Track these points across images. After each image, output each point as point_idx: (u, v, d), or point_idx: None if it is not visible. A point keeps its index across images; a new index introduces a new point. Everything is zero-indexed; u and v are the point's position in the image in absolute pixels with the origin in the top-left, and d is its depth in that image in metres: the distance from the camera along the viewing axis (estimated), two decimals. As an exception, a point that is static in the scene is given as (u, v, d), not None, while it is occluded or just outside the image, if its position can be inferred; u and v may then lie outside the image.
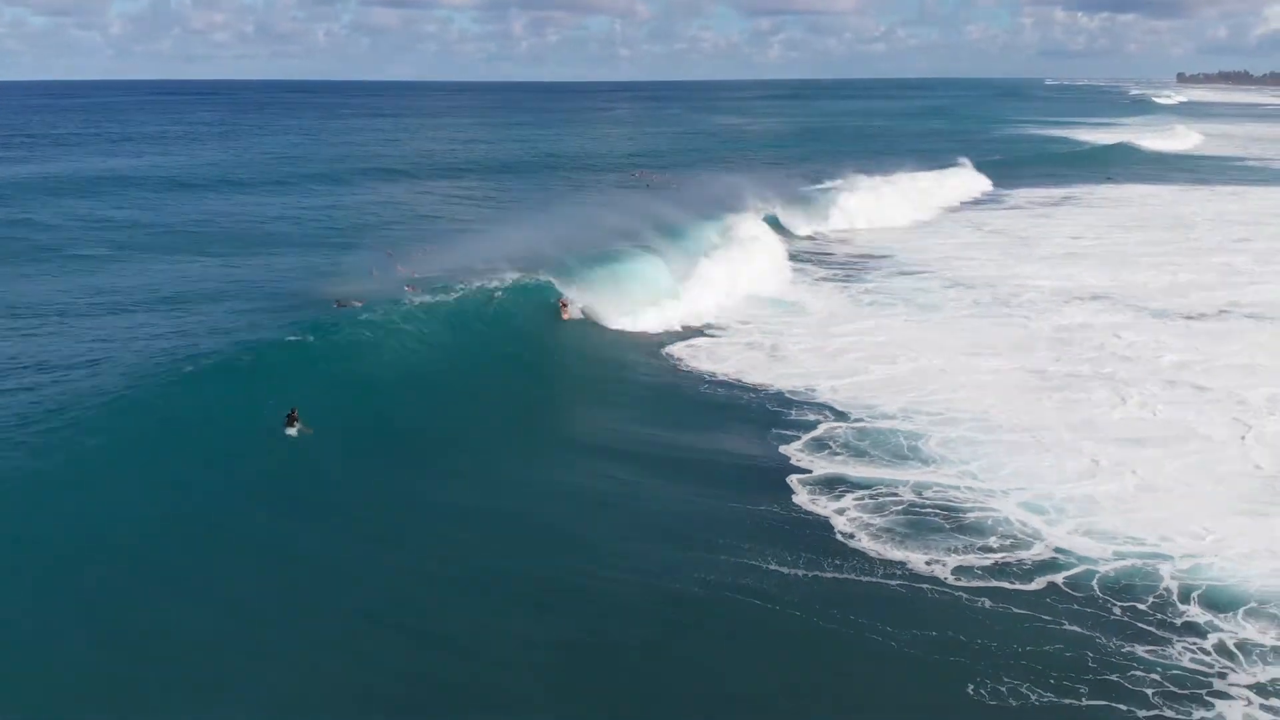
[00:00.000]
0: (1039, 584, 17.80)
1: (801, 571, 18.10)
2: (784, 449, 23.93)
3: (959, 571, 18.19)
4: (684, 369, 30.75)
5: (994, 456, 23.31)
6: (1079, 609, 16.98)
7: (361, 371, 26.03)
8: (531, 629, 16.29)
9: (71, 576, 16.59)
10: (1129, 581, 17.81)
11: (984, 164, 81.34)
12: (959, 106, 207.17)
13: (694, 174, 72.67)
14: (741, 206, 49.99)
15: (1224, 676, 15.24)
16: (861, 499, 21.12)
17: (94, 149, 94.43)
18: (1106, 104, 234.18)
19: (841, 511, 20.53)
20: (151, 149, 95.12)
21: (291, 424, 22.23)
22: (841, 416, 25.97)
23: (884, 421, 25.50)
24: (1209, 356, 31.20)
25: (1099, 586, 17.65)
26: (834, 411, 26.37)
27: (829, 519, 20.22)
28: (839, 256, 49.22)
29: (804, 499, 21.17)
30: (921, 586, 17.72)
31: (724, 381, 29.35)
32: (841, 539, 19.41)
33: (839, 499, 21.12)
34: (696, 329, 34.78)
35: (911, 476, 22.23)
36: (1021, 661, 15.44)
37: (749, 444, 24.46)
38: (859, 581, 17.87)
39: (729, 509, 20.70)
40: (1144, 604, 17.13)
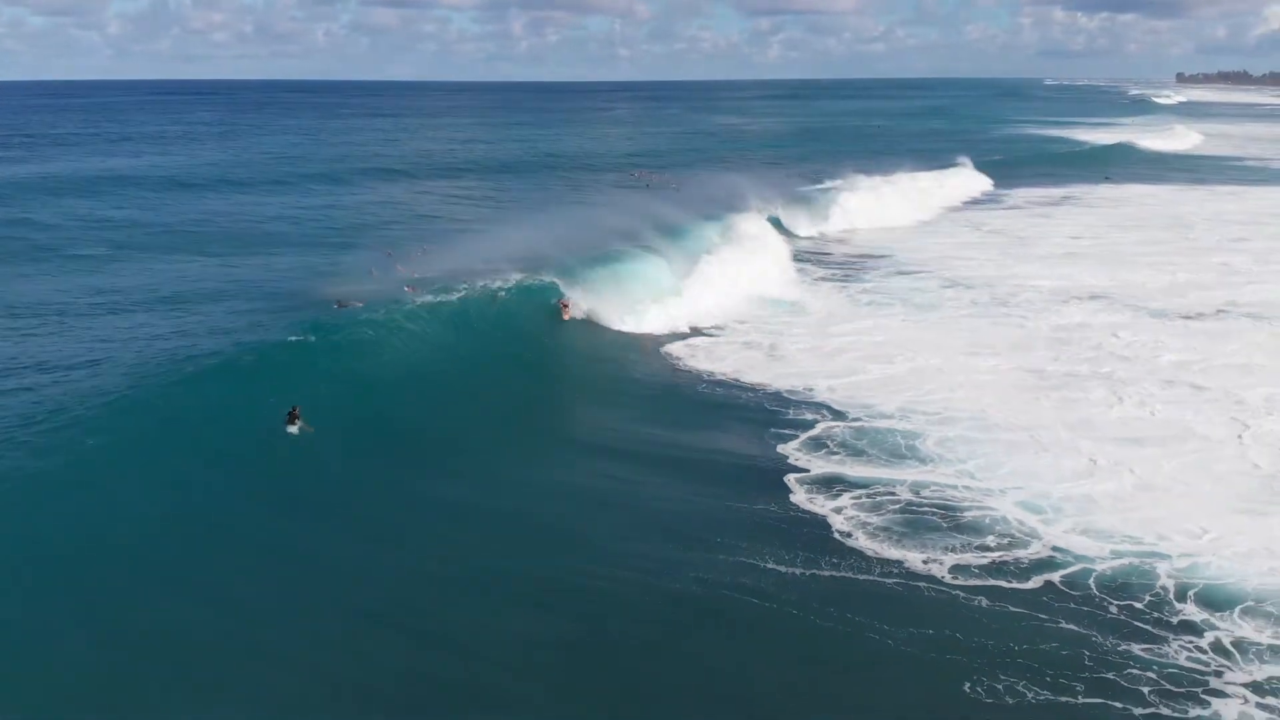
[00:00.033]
0: (1036, 582, 17.84)
1: (799, 570, 18.15)
2: (781, 448, 23.98)
3: (956, 570, 18.23)
4: (682, 368, 30.81)
5: (991, 456, 23.36)
6: (1076, 607, 17.01)
7: (362, 371, 26.06)
8: (531, 628, 16.32)
9: (72, 576, 16.60)
10: (1126, 580, 17.85)
11: (983, 164, 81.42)
12: (958, 106, 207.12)
13: (693, 174, 72.70)
14: (741, 206, 49.94)
15: (1220, 675, 15.27)
16: (859, 498, 21.16)
17: (93, 149, 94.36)
18: (1106, 104, 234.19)
19: (839, 510, 20.57)
20: (150, 149, 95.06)
21: (293, 422, 22.26)
22: (839, 416, 26.02)
23: (881, 421, 25.55)
24: (1207, 356, 31.25)
25: (1096, 585, 17.68)
26: (832, 411, 26.41)
27: (826, 518, 20.26)
28: (837, 256, 49.26)
29: (801, 498, 21.21)
30: (919, 585, 17.77)
31: (722, 381, 29.40)
32: (839, 538, 19.45)
33: (836, 498, 21.16)
34: (695, 329, 34.80)
35: (909, 476, 22.26)
36: (1018, 660, 15.48)
37: (747, 443, 24.51)
38: (856, 580, 17.91)
39: (727, 508, 20.75)
40: (1141, 602, 17.16)
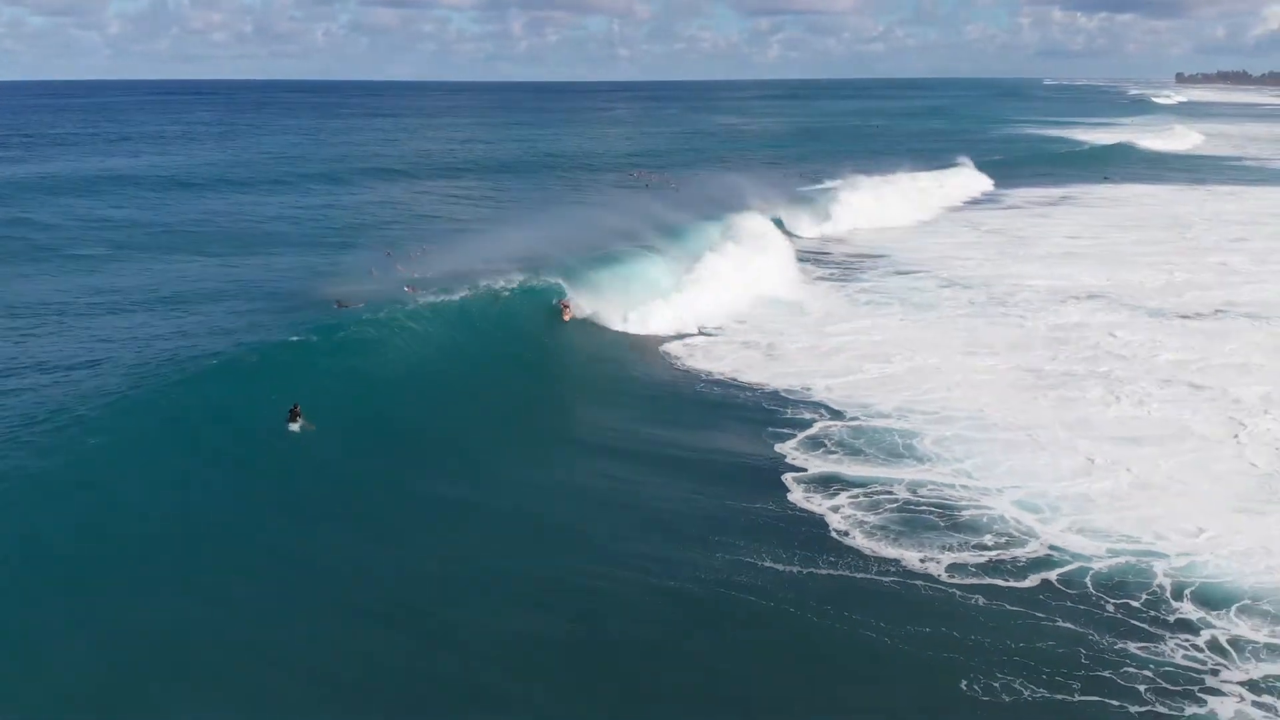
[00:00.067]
0: (1033, 581, 17.89)
1: (796, 569, 18.20)
2: (779, 447, 24.02)
3: (953, 569, 18.27)
4: (681, 368, 30.86)
5: (989, 455, 23.40)
6: (1072, 606, 17.07)
7: (363, 372, 26.07)
8: (531, 628, 16.36)
9: (72, 576, 16.63)
10: (1123, 579, 17.90)
11: (983, 164, 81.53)
12: (958, 106, 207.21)
13: (692, 174, 72.87)
14: (740, 206, 49.94)
15: (1216, 673, 15.33)
16: (856, 497, 21.20)
17: (92, 149, 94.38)
18: (1105, 104, 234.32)
19: (836, 509, 20.62)
20: (150, 149, 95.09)
21: (294, 420, 22.30)
22: (837, 415, 26.06)
23: (879, 420, 25.59)
24: (1204, 355, 31.31)
25: (1092, 584, 17.73)
26: (829, 410, 26.45)
27: (824, 516, 20.31)
28: (836, 256, 49.31)
29: (799, 497, 21.26)
30: (915, 583, 17.81)
31: (720, 380, 29.44)
32: (836, 536, 19.50)
33: (834, 497, 21.20)
34: (694, 328, 34.81)
35: (906, 475, 22.31)
36: (1015, 658, 15.53)
37: (745, 442, 24.55)
38: (853, 578, 17.95)
39: (725, 507, 20.79)
40: (1137, 601, 17.22)
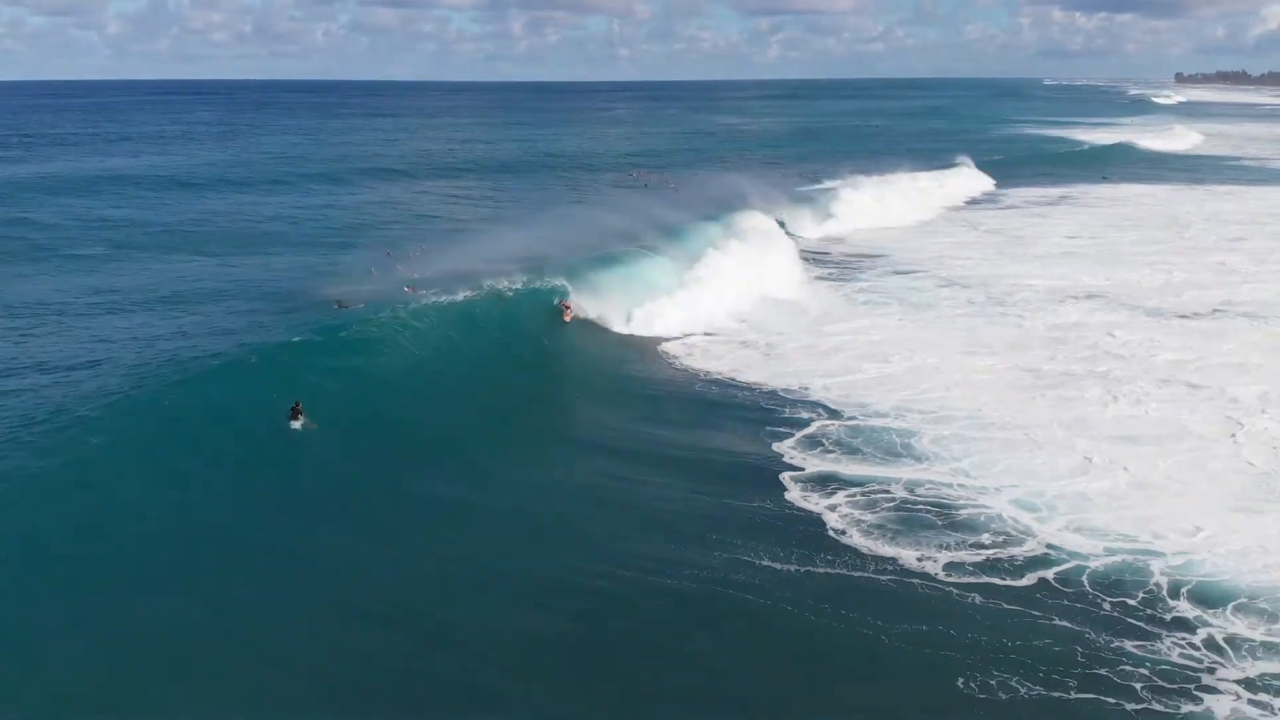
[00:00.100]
0: (1030, 579, 17.92)
1: (794, 567, 18.23)
2: (777, 446, 24.05)
3: (950, 567, 18.31)
4: (680, 367, 30.90)
5: (987, 454, 23.43)
6: (1069, 604, 17.10)
7: (364, 373, 26.05)
8: (531, 628, 16.38)
9: (72, 576, 16.65)
10: (1119, 577, 17.93)
11: (982, 164, 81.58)
12: (958, 106, 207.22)
13: (692, 174, 72.90)
14: (740, 206, 50.05)
15: (1213, 671, 15.35)
16: (853, 496, 21.23)
17: (92, 149, 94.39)
18: (1105, 104, 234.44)
19: (834, 508, 20.65)
20: (149, 149, 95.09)
21: (295, 417, 22.33)
22: (834, 414, 26.09)
23: (877, 419, 25.63)
24: (1202, 355, 31.34)
25: (1089, 582, 17.76)
26: (827, 410, 26.48)
27: (821, 515, 20.34)
28: (835, 256, 49.33)
29: (796, 496, 21.29)
30: (912, 582, 17.85)
31: (719, 380, 29.48)
32: (833, 535, 19.54)
33: (831, 496, 21.23)
34: (694, 328, 34.82)
35: (904, 474, 22.34)
36: (1011, 656, 15.56)
37: (743, 442, 24.59)
38: (850, 577, 17.99)
39: (723, 506, 20.83)
40: (1134, 599, 17.25)
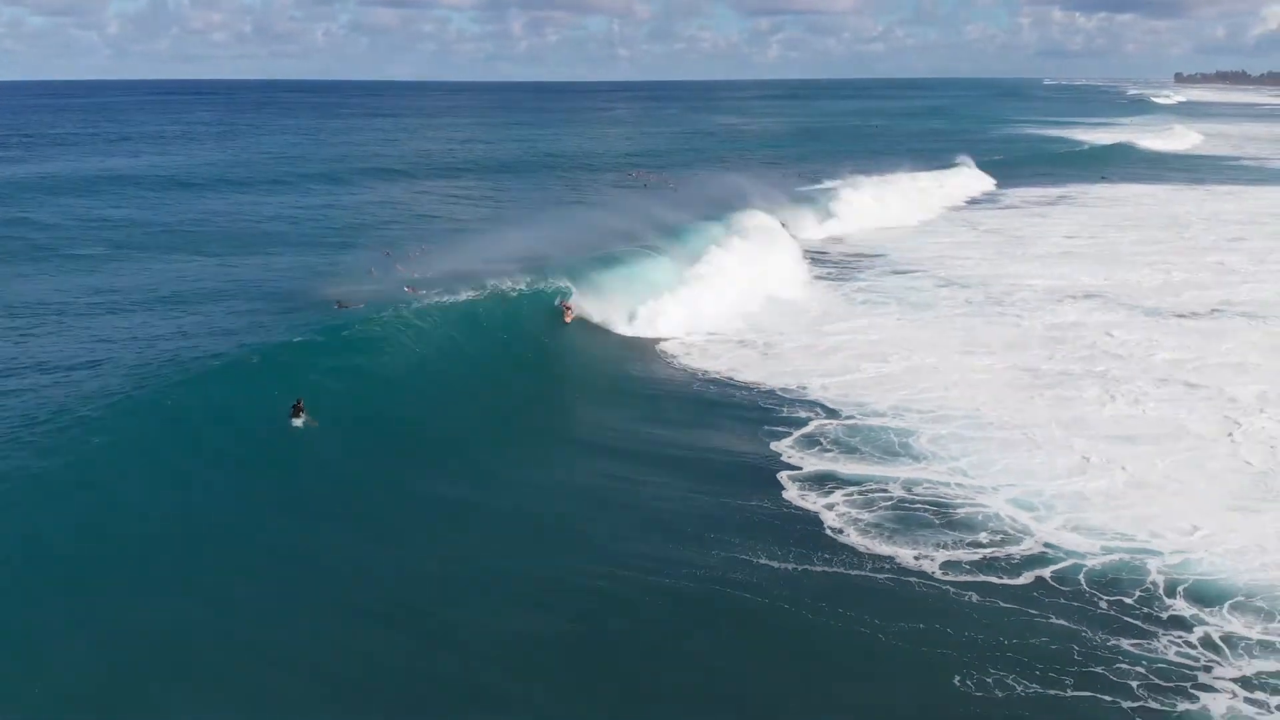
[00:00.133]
0: (1027, 578, 17.95)
1: (791, 566, 18.28)
2: (775, 445, 24.09)
3: (947, 566, 18.35)
4: (678, 367, 30.94)
5: (984, 453, 23.47)
6: (1066, 603, 17.14)
7: (364, 373, 26.10)
8: (531, 628, 16.42)
9: (72, 576, 16.70)
10: (1116, 576, 17.97)
11: (982, 164, 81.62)
12: (958, 106, 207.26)
13: (692, 174, 72.98)
14: (740, 206, 50.05)
15: (1209, 670, 15.39)
16: (851, 495, 21.27)
17: (92, 149, 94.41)
18: (1105, 104, 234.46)
19: (831, 507, 20.69)
20: (149, 148, 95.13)
21: (297, 415, 22.39)
22: (832, 414, 26.13)
23: (875, 419, 25.67)
24: (1201, 355, 31.38)
25: (1086, 581, 17.80)
26: (825, 409, 26.52)
27: (819, 514, 20.39)
28: (834, 255, 49.37)
29: (794, 495, 21.33)
30: (910, 580, 17.89)
31: (717, 379, 29.52)
32: (831, 534, 19.58)
33: (829, 495, 21.27)
34: (693, 328, 34.82)
35: (901, 473, 22.38)
36: (1008, 654, 15.61)
37: (741, 441, 24.63)
38: (848, 576, 18.03)
39: (721, 505, 20.87)
40: (1131, 598, 17.29)
